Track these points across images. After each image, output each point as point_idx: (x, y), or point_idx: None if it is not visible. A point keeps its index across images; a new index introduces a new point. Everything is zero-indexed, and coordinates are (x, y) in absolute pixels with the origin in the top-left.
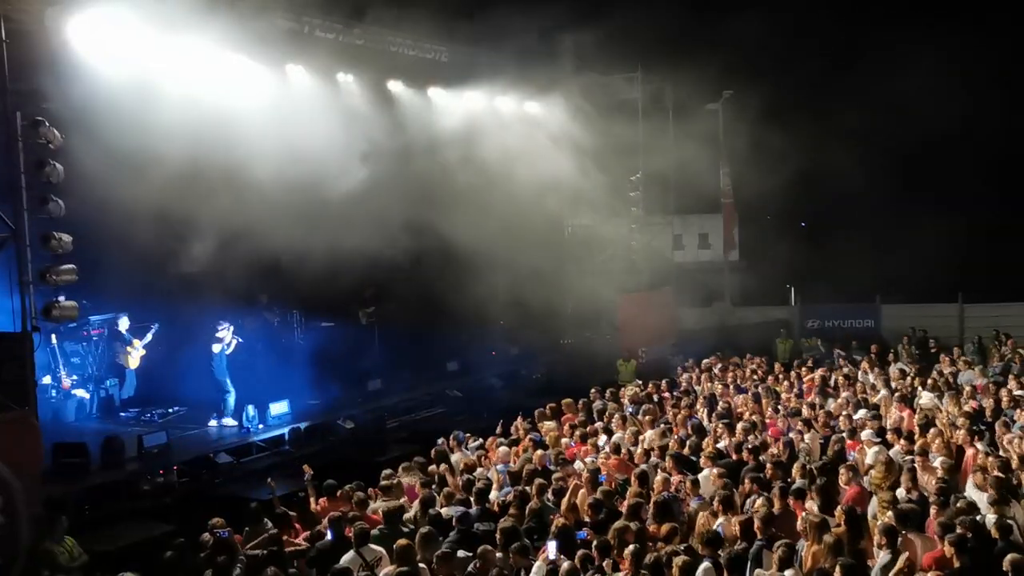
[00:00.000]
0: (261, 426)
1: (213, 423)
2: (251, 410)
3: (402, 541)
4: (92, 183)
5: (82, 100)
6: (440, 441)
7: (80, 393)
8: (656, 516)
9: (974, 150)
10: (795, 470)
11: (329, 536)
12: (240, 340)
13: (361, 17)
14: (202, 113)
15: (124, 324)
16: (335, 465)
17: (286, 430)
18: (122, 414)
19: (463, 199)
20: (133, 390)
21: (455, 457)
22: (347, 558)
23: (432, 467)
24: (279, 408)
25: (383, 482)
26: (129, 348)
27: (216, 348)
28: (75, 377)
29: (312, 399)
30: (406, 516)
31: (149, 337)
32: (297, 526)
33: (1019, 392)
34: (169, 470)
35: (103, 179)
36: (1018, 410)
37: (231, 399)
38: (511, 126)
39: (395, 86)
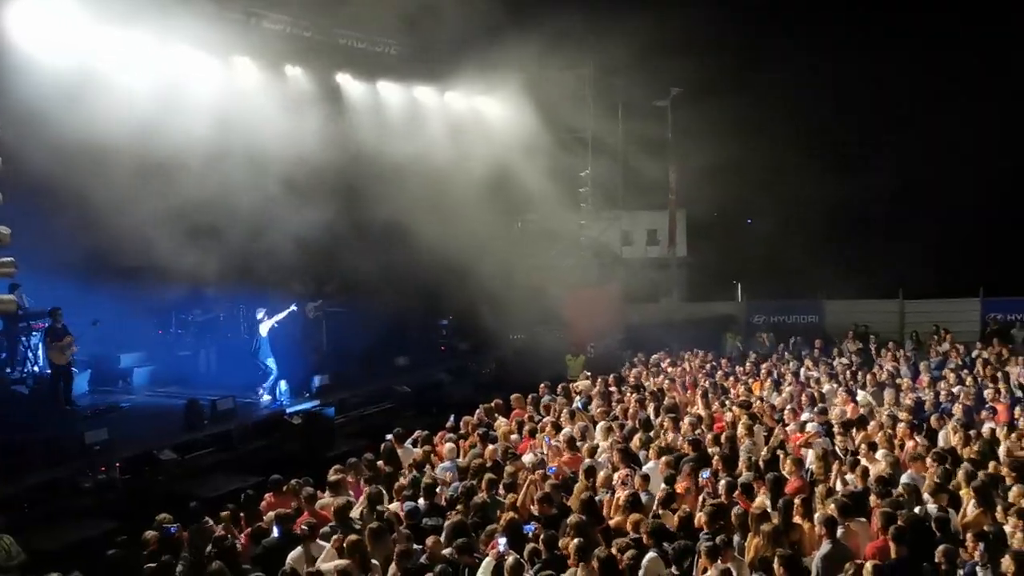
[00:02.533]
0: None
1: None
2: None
3: (351, 536)
4: (32, 175)
5: (22, 91)
6: (389, 437)
7: (23, 386)
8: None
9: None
10: (741, 463)
11: (276, 533)
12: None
13: (309, 10)
14: (147, 104)
15: (57, 318)
16: (283, 461)
17: (232, 425)
18: (67, 408)
19: (411, 193)
20: (86, 384)
21: (402, 453)
22: (294, 555)
23: (380, 463)
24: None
25: (330, 478)
26: (59, 343)
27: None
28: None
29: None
30: (353, 513)
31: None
32: (243, 523)
33: (956, 386)
34: (111, 467)
35: (43, 171)
36: (955, 404)
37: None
38: (460, 120)
39: (344, 79)
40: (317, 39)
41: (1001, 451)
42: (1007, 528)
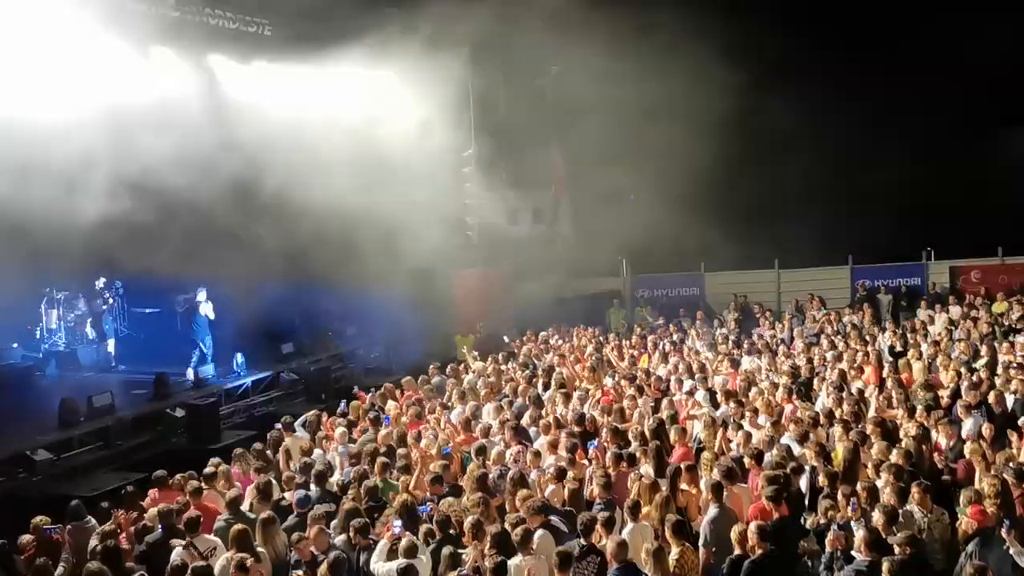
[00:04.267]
0: None
1: None
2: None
3: (237, 527)
4: None
5: None
6: (277, 426)
7: None
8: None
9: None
10: (629, 435)
11: (159, 529)
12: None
13: None
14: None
15: None
16: (167, 455)
17: (110, 421)
18: None
19: (291, 176)
20: None
21: (291, 441)
22: (178, 551)
23: (268, 453)
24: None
25: (207, 470)
26: None
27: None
28: None
29: (138, 389)
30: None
31: None
32: (124, 521)
33: (829, 351)
34: None
35: None
36: (829, 369)
37: None
38: (340, 100)
39: (216, 60)
40: (186, 19)
41: (870, 411)
42: (879, 483)
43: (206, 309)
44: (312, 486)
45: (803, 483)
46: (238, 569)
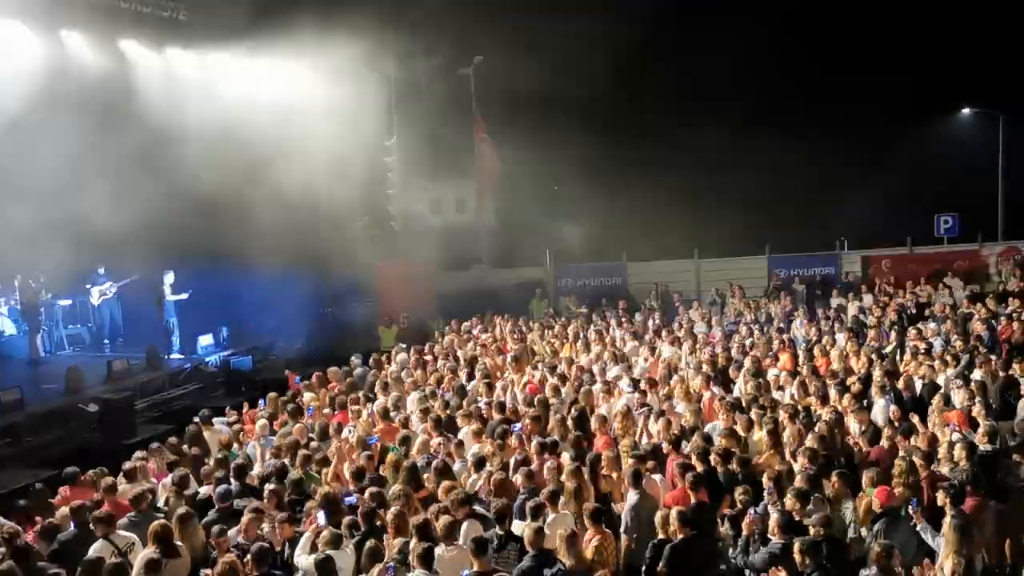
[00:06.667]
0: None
1: None
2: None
3: (157, 523)
4: None
5: None
6: (196, 419)
7: None
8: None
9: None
10: (551, 423)
11: (72, 527)
12: None
13: None
14: None
15: None
16: (80, 451)
17: (22, 416)
18: None
19: (209, 165)
20: None
21: (210, 435)
22: (96, 547)
23: (184, 447)
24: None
25: (126, 466)
26: None
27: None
28: None
29: (49, 383)
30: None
31: None
32: (36, 519)
33: (747, 339)
34: None
35: None
36: (745, 357)
37: None
38: (257, 89)
39: (128, 45)
40: (96, 3)
41: (785, 396)
42: (795, 467)
43: (169, 293)
44: (232, 480)
45: (720, 469)
46: (150, 568)
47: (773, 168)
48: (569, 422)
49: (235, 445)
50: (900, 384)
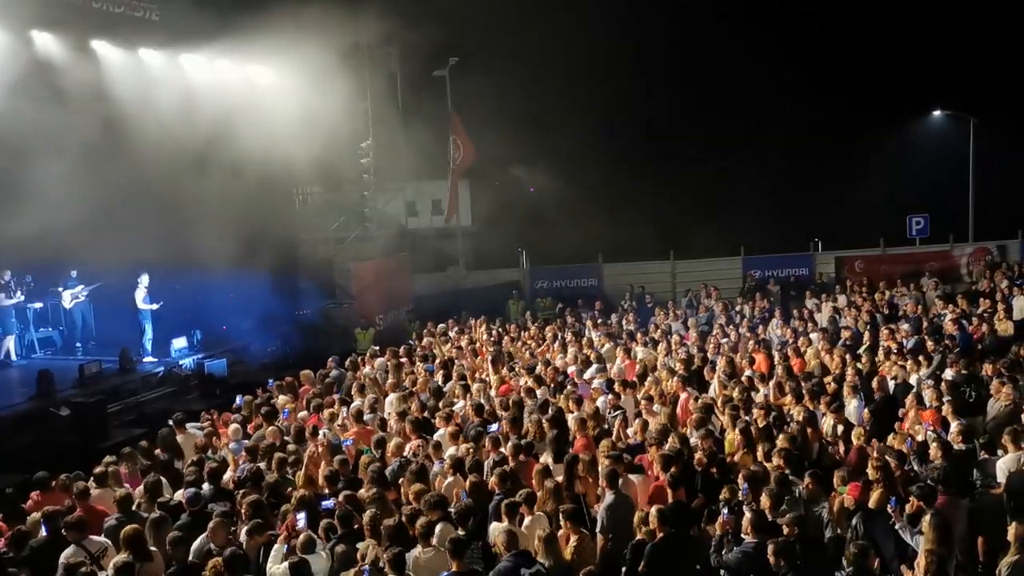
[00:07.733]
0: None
1: None
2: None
3: (129, 527)
4: None
5: None
6: (169, 423)
7: None
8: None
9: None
10: (528, 425)
11: (43, 532)
12: None
13: None
14: None
15: None
16: (51, 456)
17: None
18: None
19: (184, 168)
20: None
21: (184, 439)
22: (68, 552)
23: (158, 451)
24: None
25: (96, 470)
26: None
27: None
28: None
29: (20, 387)
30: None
31: None
32: (2, 526)
33: (723, 340)
34: None
35: None
36: (720, 357)
37: None
38: (231, 91)
39: (100, 46)
40: (68, 3)
41: (759, 397)
42: (769, 467)
43: (142, 301)
44: (205, 484)
45: (697, 469)
46: (122, 572)
47: (747, 169)
48: (545, 424)
49: (209, 450)
50: (873, 384)
